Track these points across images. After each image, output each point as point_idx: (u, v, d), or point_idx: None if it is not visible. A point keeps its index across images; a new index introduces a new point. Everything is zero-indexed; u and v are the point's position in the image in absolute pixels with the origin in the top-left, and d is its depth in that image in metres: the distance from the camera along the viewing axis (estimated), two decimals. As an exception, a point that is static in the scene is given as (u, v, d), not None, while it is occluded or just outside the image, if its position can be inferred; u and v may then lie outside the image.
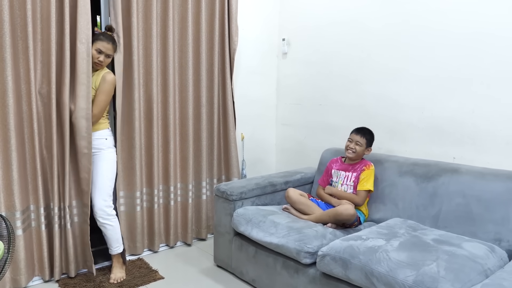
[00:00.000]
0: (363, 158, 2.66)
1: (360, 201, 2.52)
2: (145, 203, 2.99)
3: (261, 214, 2.47)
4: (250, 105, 3.60)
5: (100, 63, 2.49)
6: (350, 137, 2.62)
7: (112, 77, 2.51)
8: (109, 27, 2.58)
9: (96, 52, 2.46)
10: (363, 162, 2.61)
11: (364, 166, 2.58)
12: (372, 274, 1.79)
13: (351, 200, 2.52)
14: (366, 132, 2.61)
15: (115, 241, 2.59)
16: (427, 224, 2.31)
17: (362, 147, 2.58)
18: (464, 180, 2.24)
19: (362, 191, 2.53)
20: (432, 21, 2.56)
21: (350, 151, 2.60)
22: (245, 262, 2.54)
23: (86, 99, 2.42)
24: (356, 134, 2.60)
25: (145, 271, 2.73)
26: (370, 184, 2.53)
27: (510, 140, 2.28)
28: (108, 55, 2.50)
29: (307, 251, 2.11)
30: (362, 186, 2.53)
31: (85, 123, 2.42)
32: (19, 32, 2.33)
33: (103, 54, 2.47)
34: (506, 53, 2.26)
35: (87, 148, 2.45)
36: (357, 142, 2.58)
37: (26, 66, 2.37)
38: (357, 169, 2.60)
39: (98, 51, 2.46)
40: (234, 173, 3.33)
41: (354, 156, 2.60)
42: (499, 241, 2.05)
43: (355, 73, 3.05)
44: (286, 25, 3.60)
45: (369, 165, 2.58)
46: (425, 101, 2.64)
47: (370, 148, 2.63)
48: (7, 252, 1.81)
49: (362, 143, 2.58)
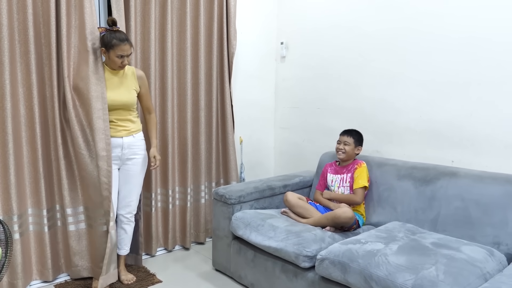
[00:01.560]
0: (355, 159, 2.69)
1: (359, 199, 2.54)
2: (144, 207, 2.98)
3: (259, 217, 2.47)
4: (248, 108, 3.60)
5: (124, 66, 2.41)
6: (338, 139, 2.69)
7: (142, 72, 2.58)
8: (113, 21, 2.37)
9: (117, 58, 2.34)
10: (355, 162, 2.66)
11: (356, 165, 2.63)
12: (371, 278, 1.79)
13: (350, 200, 2.54)
14: (352, 132, 2.69)
15: (128, 242, 2.64)
16: (426, 227, 2.31)
17: (351, 146, 2.63)
18: (462, 184, 2.24)
19: (358, 188, 2.56)
20: (429, 25, 2.57)
21: (340, 152, 2.65)
22: (244, 266, 2.54)
23: (101, 99, 2.37)
24: (343, 135, 2.68)
25: (142, 275, 2.72)
26: (364, 180, 2.56)
27: (508, 144, 2.29)
28: (129, 55, 2.39)
29: (305, 255, 2.11)
30: (357, 184, 2.57)
31: (102, 124, 2.38)
32: (17, 36, 2.32)
33: (124, 57, 2.36)
34: (503, 58, 2.26)
35: (106, 150, 2.39)
36: (345, 142, 2.64)
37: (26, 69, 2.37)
38: (351, 170, 2.63)
39: (119, 57, 2.34)
40: (233, 177, 3.32)
41: (345, 157, 2.64)
42: (498, 245, 2.05)
43: (353, 76, 3.06)
44: (284, 28, 3.61)
45: (360, 163, 2.63)
46: (423, 104, 2.64)
47: (360, 147, 2.68)
48: (5, 256, 1.80)
49: (350, 142, 2.63)
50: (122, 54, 2.34)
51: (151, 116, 2.66)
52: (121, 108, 2.46)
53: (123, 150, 2.49)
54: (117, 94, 2.44)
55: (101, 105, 2.37)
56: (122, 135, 2.48)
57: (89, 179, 2.43)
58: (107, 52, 2.35)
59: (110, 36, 2.33)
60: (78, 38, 2.44)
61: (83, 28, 2.39)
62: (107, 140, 2.40)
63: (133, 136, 2.52)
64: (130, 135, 2.51)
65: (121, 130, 2.48)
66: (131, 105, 2.50)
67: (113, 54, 2.33)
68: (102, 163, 2.39)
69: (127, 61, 2.39)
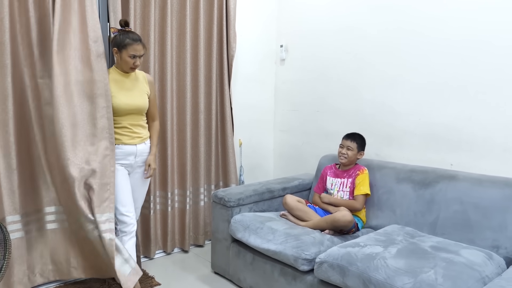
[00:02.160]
0: (357, 163, 2.67)
1: (359, 206, 2.52)
2: (142, 209, 2.97)
3: (258, 220, 2.47)
4: (248, 111, 3.60)
5: (136, 67, 2.35)
6: (341, 143, 2.66)
7: (151, 77, 2.57)
8: (125, 21, 2.34)
9: (130, 58, 2.28)
10: (356, 167, 2.63)
11: (358, 171, 2.60)
12: (370, 281, 1.79)
13: (350, 206, 2.52)
14: (356, 136, 2.64)
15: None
16: (425, 231, 2.31)
17: (354, 151, 2.60)
18: (461, 187, 2.24)
19: (360, 195, 2.54)
20: (428, 28, 2.57)
21: (342, 157, 2.62)
22: (243, 269, 2.53)
23: (105, 97, 2.30)
24: (346, 139, 2.63)
25: (141, 277, 2.71)
26: (366, 187, 2.54)
27: (507, 147, 2.29)
28: (141, 56, 2.34)
29: (304, 258, 2.11)
30: (359, 190, 2.54)
31: (107, 123, 2.32)
32: (20, 39, 2.31)
33: (137, 57, 2.30)
34: (502, 61, 2.27)
35: (110, 149, 2.32)
36: (348, 147, 2.61)
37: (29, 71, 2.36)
38: (352, 175, 2.61)
39: (132, 57, 2.29)
40: (232, 179, 3.32)
41: (347, 162, 2.62)
42: (497, 248, 2.05)
43: (353, 79, 3.06)
44: (284, 31, 3.61)
45: (362, 169, 2.60)
46: (422, 107, 2.64)
47: (363, 152, 2.65)
48: (3, 259, 1.80)
49: (353, 147, 2.60)
50: (135, 54, 2.28)
51: (154, 123, 2.60)
52: (134, 113, 2.40)
53: (136, 158, 2.44)
54: (131, 98, 2.38)
55: (105, 103, 2.30)
56: (136, 142, 2.42)
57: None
58: (119, 52, 2.29)
59: (123, 36, 2.28)
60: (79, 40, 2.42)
61: (85, 27, 2.35)
62: (111, 139, 2.33)
63: (145, 143, 2.48)
64: (142, 142, 2.46)
65: (135, 138, 2.42)
66: (144, 109, 2.44)
67: (126, 54, 2.28)
68: (106, 162, 2.32)
69: (139, 62, 2.33)
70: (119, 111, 2.35)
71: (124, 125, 2.38)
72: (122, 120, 2.38)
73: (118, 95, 2.35)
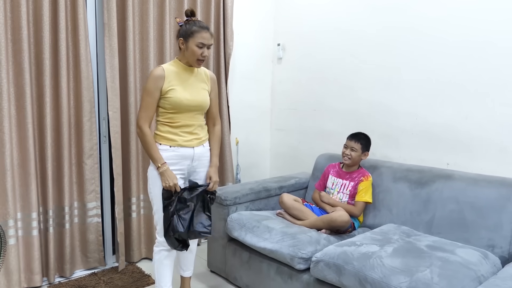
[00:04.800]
0: (361, 167, 2.64)
1: (358, 213, 2.49)
2: (142, 209, 2.96)
3: (255, 219, 2.46)
4: (244, 110, 3.59)
5: (204, 59, 2.08)
6: (345, 143, 2.61)
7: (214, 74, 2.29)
8: (192, 11, 2.11)
9: (198, 47, 2.04)
10: (361, 172, 2.58)
11: (363, 176, 2.55)
12: (366, 280, 1.79)
13: (349, 211, 2.47)
14: (361, 137, 2.59)
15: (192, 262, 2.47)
16: (421, 230, 2.32)
17: (358, 152, 2.56)
18: (457, 187, 2.25)
19: (361, 202, 2.51)
20: (425, 28, 2.58)
21: (346, 158, 2.58)
22: (239, 268, 2.53)
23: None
24: (351, 140, 2.59)
25: (137, 275, 2.71)
26: (368, 196, 2.51)
27: (503, 147, 2.30)
28: (210, 46, 2.09)
29: (301, 257, 2.11)
30: (361, 197, 2.51)
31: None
32: (10, 35, 2.31)
33: (205, 47, 2.06)
34: (499, 61, 2.28)
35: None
36: (352, 147, 2.56)
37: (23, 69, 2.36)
38: (355, 179, 2.57)
39: (200, 46, 2.04)
40: (228, 178, 3.32)
41: (351, 163, 2.58)
42: (492, 248, 2.06)
43: (350, 79, 3.06)
44: (281, 30, 3.61)
45: (367, 176, 2.55)
46: (419, 107, 2.65)
47: (367, 153, 2.61)
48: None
49: (357, 148, 2.56)
50: (203, 43, 2.04)
51: (215, 128, 2.30)
52: (194, 110, 2.13)
53: (193, 162, 2.17)
54: (193, 94, 2.12)
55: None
56: (194, 144, 2.15)
57: None
58: (185, 42, 2.06)
59: (189, 25, 2.07)
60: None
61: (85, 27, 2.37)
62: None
63: (203, 146, 2.21)
64: (200, 144, 2.19)
65: (192, 139, 2.14)
66: (205, 107, 2.19)
67: (193, 43, 2.03)
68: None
69: (207, 52, 2.08)
70: (178, 107, 2.08)
71: (182, 123, 2.11)
72: (180, 119, 2.11)
73: (179, 89, 2.08)
